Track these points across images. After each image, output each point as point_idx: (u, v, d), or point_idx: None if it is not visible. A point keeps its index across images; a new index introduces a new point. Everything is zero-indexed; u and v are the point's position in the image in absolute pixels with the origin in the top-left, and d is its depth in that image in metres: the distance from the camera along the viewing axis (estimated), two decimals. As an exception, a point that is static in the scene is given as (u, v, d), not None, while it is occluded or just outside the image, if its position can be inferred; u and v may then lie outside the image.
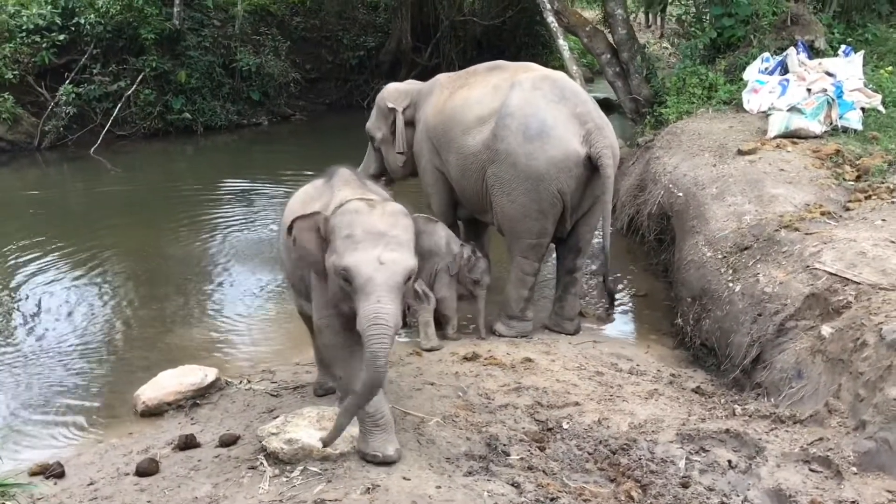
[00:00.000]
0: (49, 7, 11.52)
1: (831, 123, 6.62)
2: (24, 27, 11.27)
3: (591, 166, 4.86)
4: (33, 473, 3.51)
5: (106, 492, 3.37)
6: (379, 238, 3.13)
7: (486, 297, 5.27)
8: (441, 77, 5.68)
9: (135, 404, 4.32)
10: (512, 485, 3.26)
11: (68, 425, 4.36)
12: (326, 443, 3.28)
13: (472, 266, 5.14)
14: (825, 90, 6.75)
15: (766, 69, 7.67)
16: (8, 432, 4.25)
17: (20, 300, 6.14)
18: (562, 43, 9.55)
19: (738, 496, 3.27)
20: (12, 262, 6.90)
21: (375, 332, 3.01)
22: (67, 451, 3.99)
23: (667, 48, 12.92)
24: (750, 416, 3.90)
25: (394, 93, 5.85)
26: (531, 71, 5.21)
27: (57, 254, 7.07)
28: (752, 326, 4.53)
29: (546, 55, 15.35)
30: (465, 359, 4.69)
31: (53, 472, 3.54)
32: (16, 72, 11.11)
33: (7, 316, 5.88)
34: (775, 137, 6.49)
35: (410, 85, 5.95)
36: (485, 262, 5.20)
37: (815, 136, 6.48)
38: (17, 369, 5.01)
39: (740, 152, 6.22)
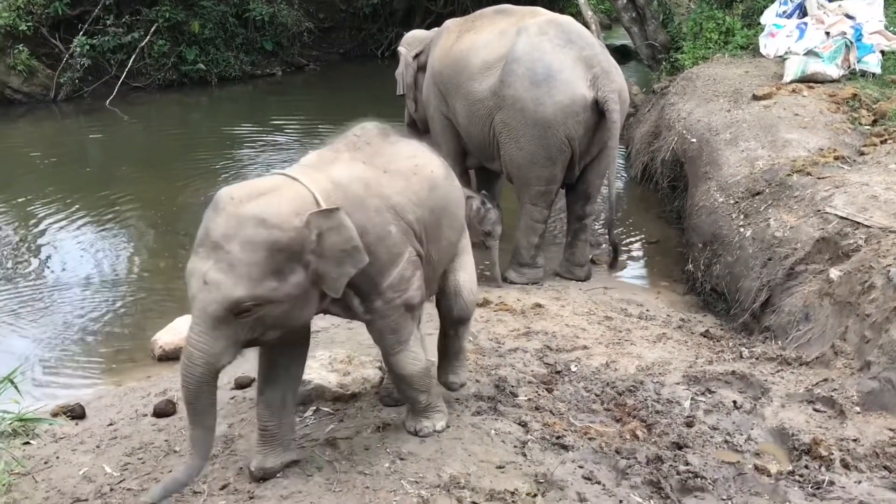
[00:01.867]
0: (61, -43, 11.45)
1: (849, 67, 6.52)
2: (36, -22, 11.23)
3: (599, 111, 4.83)
4: (55, 414, 3.61)
5: (125, 431, 3.48)
6: (213, 250, 2.51)
7: (500, 245, 5.29)
8: (449, 22, 5.64)
9: (152, 349, 4.42)
10: (519, 424, 3.34)
11: (88, 369, 4.48)
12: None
13: (483, 217, 5.09)
14: (844, 33, 6.64)
15: (784, 13, 7.53)
16: (30, 375, 4.36)
17: (39, 248, 6.25)
18: (577, -12, 9.41)
19: (741, 435, 3.33)
20: (31, 211, 7.00)
21: (182, 362, 2.60)
22: (88, 393, 4.10)
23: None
24: (757, 359, 3.95)
25: (409, 38, 5.87)
26: (538, 15, 5.15)
27: (74, 204, 7.15)
28: (761, 271, 4.55)
29: (562, 2, 15.11)
30: (477, 305, 4.73)
31: (74, 412, 3.65)
32: (30, 23, 11.09)
33: (27, 264, 5.99)
34: (791, 82, 6.42)
35: (430, 32, 5.90)
36: (495, 213, 5.16)
37: (832, 81, 6.40)
38: (38, 315, 5.13)
39: (755, 97, 6.16)
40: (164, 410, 3.56)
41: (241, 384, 3.74)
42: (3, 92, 11.10)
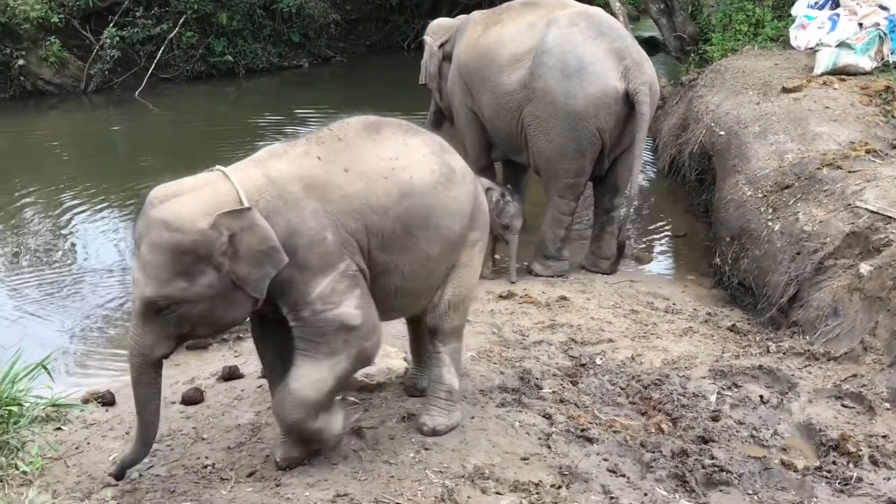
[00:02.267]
0: (92, -50, 11.56)
1: (882, 59, 6.42)
2: (68, -30, 11.35)
3: (630, 103, 4.80)
4: (85, 400, 3.67)
5: (154, 418, 3.53)
6: (136, 249, 2.64)
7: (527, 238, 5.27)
8: (475, 14, 5.61)
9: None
10: (543, 416, 3.34)
11: (118, 357, 4.53)
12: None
13: (501, 210, 5.01)
14: (877, 24, 6.53)
15: (816, 3, 7.41)
16: (61, 362, 4.43)
17: (68, 237, 6.34)
18: (605, -21, 9.34)
19: (767, 429, 3.31)
20: (60, 201, 7.10)
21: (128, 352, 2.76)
22: (117, 380, 4.15)
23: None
24: (784, 354, 3.92)
25: (434, 27, 5.83)
26: (567, 7, 5.12)
27: (102, 194, 7.24)
28: (790, 265, 4.51)
29: (590, -7, 14.99)
30: (501, 297, 4.75)
31: (105, 399, 3.70)
32: (61, 15, 11.21)
33: (56, 253, 6.08)
34: (822, 74, 6.33)
35: (455, 21, 5.86)
36: (514, 206, 5.09)
37: (865, 73, 6.30)
38: (67, 303, 5.20)
39: (785, 90, 6.09)
40: (191, 398, 3.61)
41: (268, 373, 3.77)
42: (35, 83, 11.24)
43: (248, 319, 2.92)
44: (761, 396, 3.53)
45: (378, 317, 2.86)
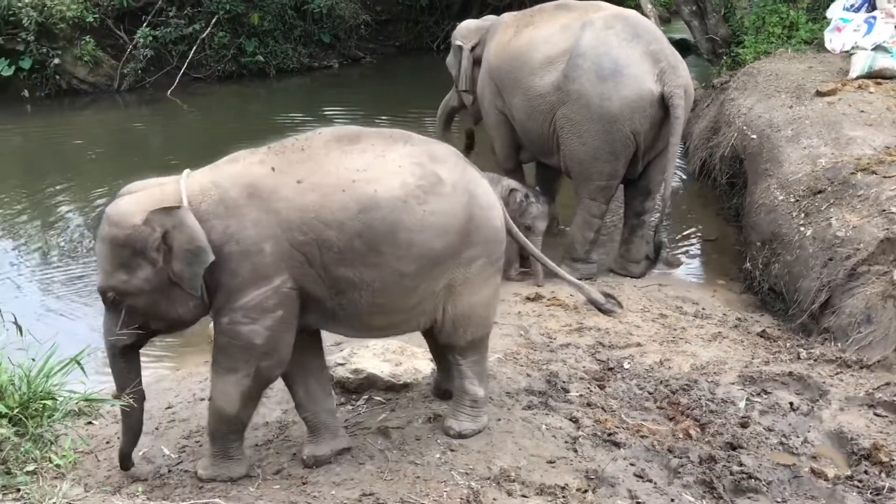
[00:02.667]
0: (126, -50, 11.72)
1: (920, 62, 6.31)
2: (103, -30, 11.51)
3: (665, 106, 4.77)
4: (116, 395, 3.71)
5: (183, 415, 3.57)
6: None
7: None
8: (506, 15, 5.59)
9: (210, 334, 4.49)
10: (570, 419, 3.33)
11: (148, 352, 4.57)
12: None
13: (524, 211, 4.99)
14: (915, 27, 6.43)
15: (852, 6, 7.30)
16: (93, 357, 4.48)
17: (102, 235, 6.41)
18: (637, -19, 9.29)
19: (797, 437, 3.28)
20: (93, 198, 7.19)
21: None
22: (147, 376, 4.18)
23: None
24: (815, 361, 3.87)
25: (464, 29, 5.81)
26: (602, 10, 5.09)
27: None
28: (822, 271, 4.45)
29: (621, -5, 14.92)
30: (528, 299, 4.74)
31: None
32: (96, 15, 11.37)
33: (88, 250, 6.15)
34: (858, 78, 6.24)
35: (483, 22, 5.86)
36: (538, 207, 5.04)
37: (901, 77, 6.20)
38: (99, 299, 5.26)
39: (819, 93, 6.01)
40: (220, 395, 3.63)
41: (296, 372, 3.79)
42: (69, 82, 11.41)
43: None
44: (791, 403, 3.49)
45: (297, 343, 2.86)
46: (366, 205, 2.72)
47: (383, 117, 9.91)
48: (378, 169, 2.78)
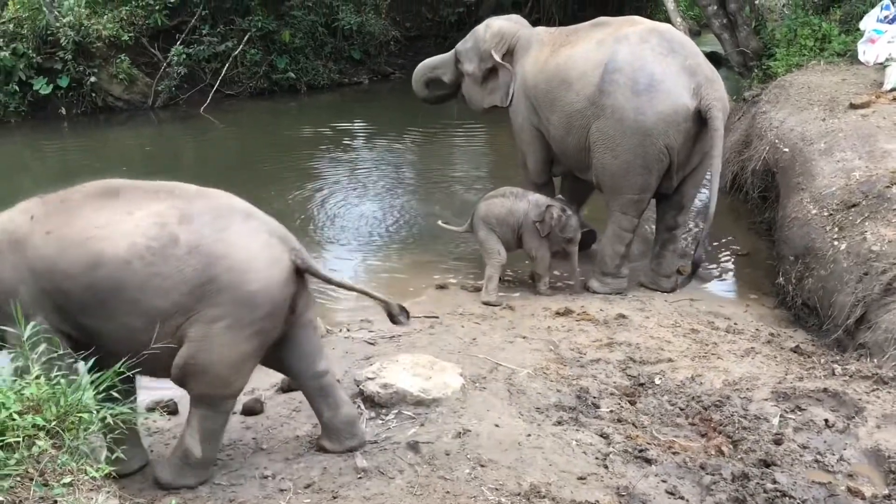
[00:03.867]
0: (162, -30, 11.94)
1: (955, 75, 6.23)
2: (138, -10, 11.74)
3: (701, 120, 4.75)
4: (150, 409, 3.77)
5: (215, 428, 3.59)
6: None
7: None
8: (541, 31, 5.58)
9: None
10: (601, 435, 3.31)
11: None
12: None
13: (564, 225, 5.06)
14: (950, 39, 6.35)
15: (886, 18, 7.23)
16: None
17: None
18: (666, -5, 9.26)
19: (833, 455, 3.22)
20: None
21: None
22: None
23: (779, -1, 12.33)
24: (850, 377, 3.81)
25: (497, 37, 5.68)
26: (637, 24, 5.08)
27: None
28: (856, 286, 4.38)
29: (650, 8, 14.89)
30: (558, 314, 4.73)
31: (168, 407, 3.80)
32: (131, 34, 11.60)
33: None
34: (892, 90, 6.17)
35: (511, 26, 5.75)
36: (576, 220, 5.13)
37: (938, 89, 6.12)
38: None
39: (852, 106, 5.95)
40: (252, 409, 3.67)
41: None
42: (105, 99, 11.65)
43: None
44: (826, 420, 3.44)
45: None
46: (93, 262, 2.80)
47: (414, 132, 9.97)
48: (115, 227, 2.85)
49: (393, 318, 3.33)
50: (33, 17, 11.11)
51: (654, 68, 4.75)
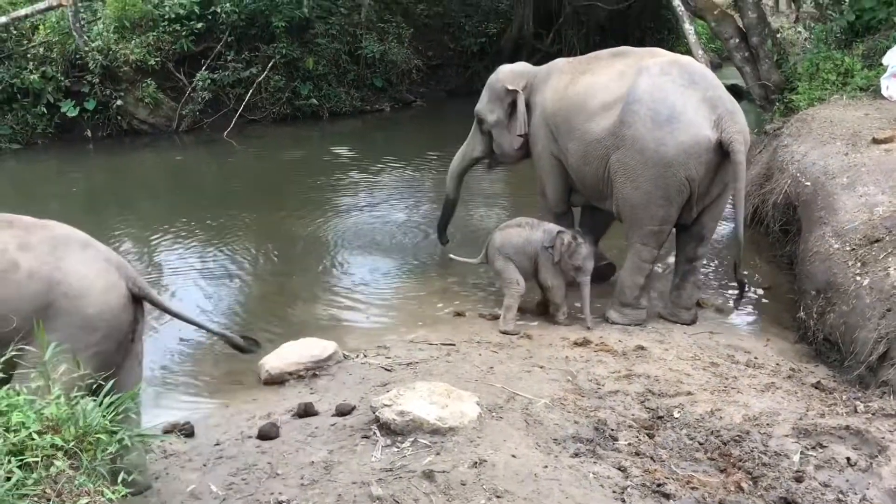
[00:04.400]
0: (189, -4, 12.16)
1: (979, 111, 6.19)
2: (165, 16, 11.93)
3: (722, 152, 4.75)
4: (166, 431, 3.78)
5: (230, 452, 3.60)
6: None
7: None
8: (560, 62, 5.64)
9: (259, 372, 4.56)
10: (618, 469, 3.28)
11: (198, 389, 4.66)
12: None
13: (573, 252, 5.04)
14: (974, 75, 6.32)
15: (909, 53, 7.23)
16: (145, 393, 4.56)
17: (157, 272, 6.56)
18: (688, 27, 9.28)
19: (855, 494, 3.17)
20: (147, 235, 7.38)
21: None
22: (196, 412, 4.25)
23: (801, 32, 12.35)
24: (873, 414, 3.75)
25: (510, 74, 5.81)
26: (658, 56, 5.11)
27: (188, 230, 7.50)
28: (879, 322, 4.33)
29: (672, 40, 14.98)
30: (576, 344, 4.71)
31: (184, 430, 3.81)
32: (157, 59, 11.79)
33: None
34: (916, 125, 6.14)
35: (524, 67, 5.92)
36: (587, 249, 5.09)
37: (961, 125, 6.08)
38: (151, 335, 5.36)
39: (875, 141, 5.92)
40: (267, 433, 3.67)
41: (341, 411, 3.81)
42: (130, 122, 11.83)
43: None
44: (848, 458, 3.38)
45: None
46: None
47: (434, 159, 10.02)
48: None
49: (241, 349, 3.51)
50: (63, 42, 11.33)
51: (675, 100, 4.76)
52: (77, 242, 3.20)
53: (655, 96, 4.78)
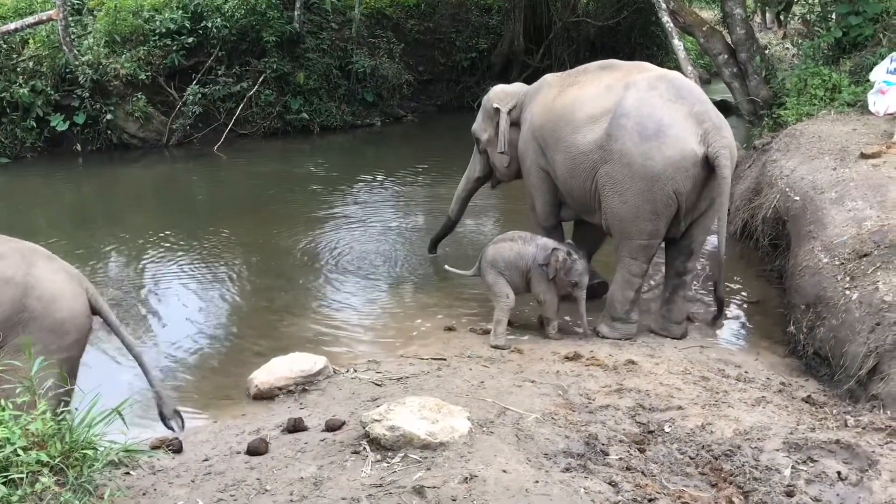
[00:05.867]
0: (179, 11, 12.16)
1: (965, 126, 6.24)
2: (156, 31, 11.95)
3: (709, 167, 4.77)
4: (154, 447, 3.73)
5: (219, 468, 3.56)
6: None
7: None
8: (549, 77, 5.68)
9: (248, 387, 4.53)
10: (609, 483, 3.26)
11: (186, 404, 4.62)
12: None
13: (569, 268, 5.04)
14: (960, 91, 6.38)
15: (896, 69, 7.29)
16: (132, 407, 4.52)
17: (145, 286, 6.53)
18: (677, 43, 9.35)
19: (846, 509, 3.16)
20: (136, 250, 7.35)
21: None
22: (186, 427, 4.21)
23: (789, 49, 12.46)
24: (863, 428, 3.75)
25: (500, 94, 5.92)
26: (645, 71, 5.14)
27: (178, 244, 7.48)
28: (869, 336, 4.34)
29: (661, 56, 15.07)
30: (567, 358, 4.69)
31: (172, 446, 3.76)
32: (148, 73, 11.79)
33: (130, 301, 6.25)
34: (903, 140, 6.18)
35: (518, 87, 6.00)
36: (582, 264, 5.10)
37: (948, 140, 6.13)
38: (143, 350, 5.33)
39: (863, 156, 5.96)
40: (256, 449, 3.63)
41: (331, 427, 3.78)
42: (120, 136, 11.80)
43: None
44: (839, 473, 3.38)
45: None
46: None
47: (424, 174, 10.03)
48: None
49: (163, 418, 3.75)
50: (53, 56, 11.31)
51: (662, 114, 4.78)
52: (42, 255, 3.41)
53: (643, 111, 4.80)
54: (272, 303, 6.18)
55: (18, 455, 2.29)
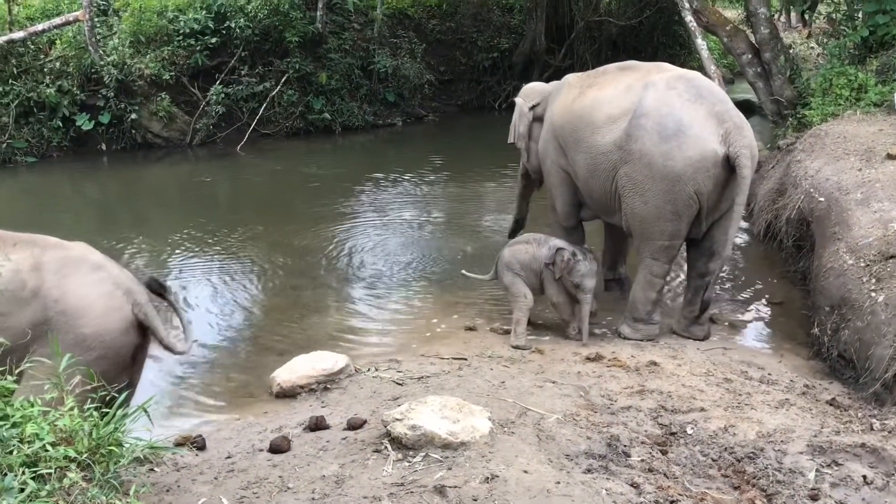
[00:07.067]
0: (203, 12, 12.25)
1: None
2: (180, 31, 12.04)
3: (730, 167, 4.74)
4: (178, 443, 3.77)
5: (242, 465, 3.59)
6: None
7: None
8: (570, 77, 5.67)
9: (270, 386, 4.56)
10: (631, 485, 3.25)
11: (210, 402, 4.66)
12: None
13: (572, 269, 5.00)
14: None
15: (923, 69, 7.21)
16: (157, 405, 4.57)
17: (170, 284, 6.57)
18: (700, 43, 9.30)
19: (871, 513, 3.13)
20: (160, 249, 7.41)
21: None
22: (208, 425, 4.26)
23: (814, 48, 12.34)
24: (889, 432, 3.71)
25: (527, 89, 5.96)
26: (665, 71, 5.12)
27: (202, 243, 7.53)
28: (895, 339, 4.30)
29: (684, 56, 14.99)
30: (588, 359, 4.68)
31: (196, 443, 3.80)
32: (172, 73, 11.88)
33: (156, 298, 6.29)
34: (930, 141, 6.11)
35: (543, 85, 6.01)
36: (586, 266, 5.03)
37: (977, 140, 6.05)
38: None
39: (889, 156, 5.90)
40: (279, 447, 3.66)
41: (353, 425, 3.80)
42: (144, 136, 11.90)
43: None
44: (864, 477, 3.35)
45: None
46: None
47: (445, 172, 10.04)
48: None
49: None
50: (79, 56, 11.43)
51: (681, 114, 4.76)
52: (88, 264, 3.35)
53: (662, 111, 4.78)
54: (295, 301, 6.21)
55: (47, 451, 2.32)
